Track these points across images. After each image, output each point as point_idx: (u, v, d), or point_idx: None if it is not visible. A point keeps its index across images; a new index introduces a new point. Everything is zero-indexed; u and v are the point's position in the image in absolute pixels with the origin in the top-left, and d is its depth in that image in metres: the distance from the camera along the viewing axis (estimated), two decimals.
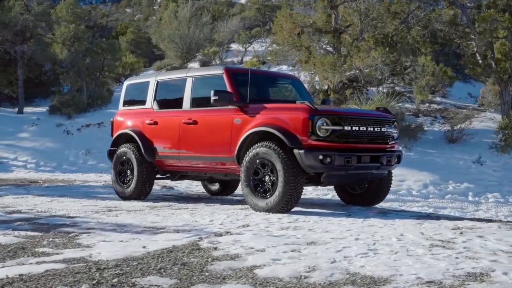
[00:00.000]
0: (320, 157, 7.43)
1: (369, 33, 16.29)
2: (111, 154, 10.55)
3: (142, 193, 9.97)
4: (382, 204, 11.54)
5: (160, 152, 9.63)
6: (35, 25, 25.51)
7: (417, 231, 6.00)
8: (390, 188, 9.07)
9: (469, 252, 4.96)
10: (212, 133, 8.78)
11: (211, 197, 11.13)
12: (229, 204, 9.35)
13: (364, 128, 7.89)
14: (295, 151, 7.50)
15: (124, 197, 10.10)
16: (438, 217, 7.48)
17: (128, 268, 4.42)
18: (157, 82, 10.04)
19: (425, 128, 16.85)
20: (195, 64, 29.61)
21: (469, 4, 18.16)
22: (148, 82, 10.23)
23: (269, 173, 7.78)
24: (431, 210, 11.65)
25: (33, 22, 25.39)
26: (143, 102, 10.21)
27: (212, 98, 8.26)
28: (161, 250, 5.09)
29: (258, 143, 7.90)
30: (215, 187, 11.47)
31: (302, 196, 11.51)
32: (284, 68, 23.93)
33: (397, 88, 20.07)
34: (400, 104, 18.73)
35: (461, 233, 5.90)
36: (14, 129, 23.64)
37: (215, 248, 5.18)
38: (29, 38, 26.47)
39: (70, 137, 22.39)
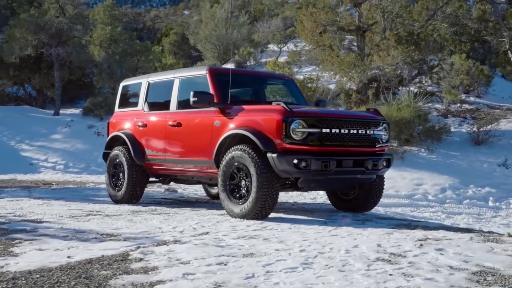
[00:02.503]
0: (295, 161, 7.04)
1: (390, 31, 15.67)
2: (105, 156, 10.40)
3: (133, 196, 9.75)
4: (389, 209, 11.07)
5: (149, 155, 9.41)
6: (70, 27, 25.77)
7: (376, 243, 5.55)
8: (383, 194, 8.57)
9: (411, 268, 4.51)
10: (194, 135, 8.50)
11: (209, 201, 10.85)
12: (216, 209, 9.01)
13: (346, 131, 7.44)
14: (268, 155, 7.13)
15: (117, 201, 9.92)
16: (416, 226, 6.97)
17: (24, 281, 4.16)
18: (148, 83, 9.82)
19: (452, 129, 16.10)
20: (230, 65, 29.39)
21: None
22: (140, 83, 10.03)
23: (244, 177, 7.43)
24: (444, 216, 11.08)
25: (67, 25, 25.67)
26: (135, 104, 10.02)
27: (191, 99, 7.99)
28: (81, 261, 4.82)
29: (235, 146, 7.57)
30: (215, 190, 11.15)
31: (308, 200, 11.15)
32: (317, 68, 23.43)
33: (430, 87, 19.35)
34: (429, 104, 18.02)
35: (421, 245, 5.43)
36: (48, 131, 23.95)
37: (140, 260, 4.88)
38: (66, 40, 26.80)
39: (100, 138, 22.47)
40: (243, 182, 7.47)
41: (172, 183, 10.59)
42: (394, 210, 11.31)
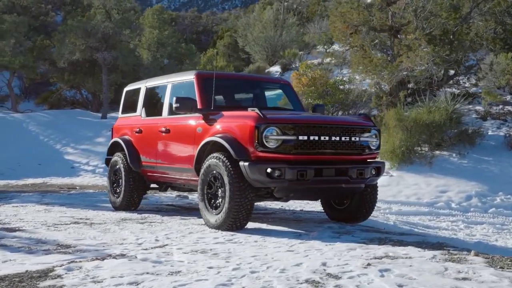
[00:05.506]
0: (268, 170, 6.72)
1: (421, 31, 14.93)
2: (107, 162, 10.31)
3: (130, 203, 9.62)
4: (407, 218, 10.56)
5: (143, 161, 9.26)
6: (115, 32, 26.09)
7: (323, 261, 5.16)
8: (376, 204, 8.10)
9: None
10: (180, 142, 8.32)
11: None
12: None
13: (327, 138, 7.03)
14: (240, 163, 6.84)
15: (116, 208, 9.84)
16: (390, 240, 6.47)
17: None
18: (146, 88, 9.67)
19: (490, 133, 15.25)
20: (277, 67, 29.10)
21: None
22: (140, 89, 9.90)
23: (220, 187, 7.14)
24: (462, 226, 10.43)
25: (113, 30, 25.98)
26: (135, 109, 9.88)
27: (174, 105, 7.80)
28: None
29: (211, 154, 7.30)
30: None
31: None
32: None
33: (474, 88, 18.46)
34: (470, 106, 17.21)
35: (368, 264, 5.01)
36: (93, 134, 24.29)
37: (57, 277, 4.67)
38: (114, 44, 27.12)
39: None
40: (219, 192, 7.19)
41: None
42: (412, 219, 10.76)
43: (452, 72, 17.32)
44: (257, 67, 28.27)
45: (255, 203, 10.53)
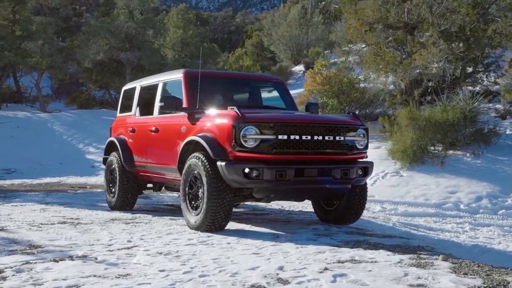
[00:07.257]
0: (246, 170, 6.56)
1: (434, 28, 14.52)
2: (104, 162, 10.28)
3: (125, 203, 9.55)
4: (412, 219, 10.28)
5: (136, 161, 9.19)
6: (138, 32, 26.18)
7: (280, 265, 5.00)
8: (366, 205, 7.86)
9: None
10: (167, 141, 8.22)
11: None
12: None
13: (309, 137, 6.83)
14: (218, 163, 6.69)
15: (111, 207, 9.81)
16: (366, 243, 6.22)
17: None
18: (141, 87, 9.60)
19: (508, 132, 14.80)
20: (301, 66, 28.85)
21: None
22: (135, 88, 9.83)
23: (200, 187, 7.01)
24: (468, 228, 10.10)
25: (136, 30, 26.07)
26: (130, 109, 9.82)
27: (159, 104, 7.72)
28: None
29: (192, 154, 7.17)
30: None
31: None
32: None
33: (497, 86, 17.96)
34: (490, 105, 16.74)
35: (326, 268, 4.81)
36: None
37: (1, 278, 4.58)
38: (138, 44, 27.22)
39: None
40: (200, 192, 7.05)
41: None
42: (416, 221, 10.46)
43: (470, 69, 16.86)
44: (280, 66, 28.06)
45: (256, 204, 10.52)
